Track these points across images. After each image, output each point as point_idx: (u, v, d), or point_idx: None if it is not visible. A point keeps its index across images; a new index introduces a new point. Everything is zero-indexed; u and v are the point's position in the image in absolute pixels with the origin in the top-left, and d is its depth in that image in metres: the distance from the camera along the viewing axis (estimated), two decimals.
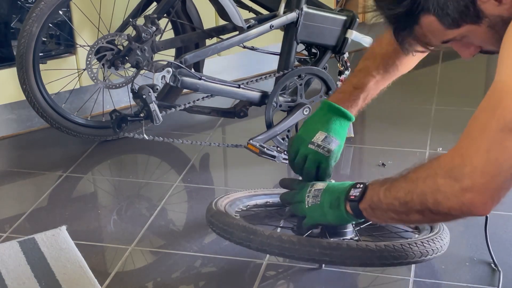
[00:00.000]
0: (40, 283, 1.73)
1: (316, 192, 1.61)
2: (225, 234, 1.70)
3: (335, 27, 2.36)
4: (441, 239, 1.70)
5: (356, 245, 1.57)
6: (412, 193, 1.36)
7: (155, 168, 2.44)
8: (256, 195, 1.97)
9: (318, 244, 1.57)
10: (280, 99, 2.32)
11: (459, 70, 3.23)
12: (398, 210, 1.41)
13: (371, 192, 1.48)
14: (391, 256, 1.58)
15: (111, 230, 2.05)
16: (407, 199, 1.37)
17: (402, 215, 1.42)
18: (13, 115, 2.62)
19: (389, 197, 1.42)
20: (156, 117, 2.12)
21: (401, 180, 1.41)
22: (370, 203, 1.48)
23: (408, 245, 1.60)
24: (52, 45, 2.61)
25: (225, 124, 2.70)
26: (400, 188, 1.40)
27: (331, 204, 1.57)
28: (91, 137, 2.51)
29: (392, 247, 1.58)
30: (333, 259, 1.57)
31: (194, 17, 2.54)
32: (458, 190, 1.27)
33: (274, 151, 2.20)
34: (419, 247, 1.61)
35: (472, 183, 1.25)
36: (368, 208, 1.49)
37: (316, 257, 1.58)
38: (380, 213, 1.47)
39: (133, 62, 2.32)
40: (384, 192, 1.44)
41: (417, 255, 1.60)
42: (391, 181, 1.44)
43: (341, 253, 1.56)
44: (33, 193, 2.23)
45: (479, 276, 1.76)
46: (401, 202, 1.39)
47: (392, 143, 2.50)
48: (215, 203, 1.82)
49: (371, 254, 1.56)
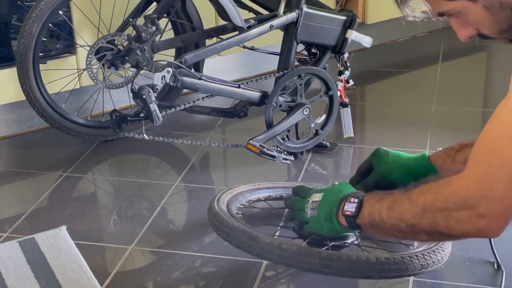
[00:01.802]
0: (40, 283, 1.73)
1: (313, 205, 1.60)
2: (226, 237, 1.69)
3: (335, 27, 2.36)
4: (442, 250, 1.68)
5: (357, 258, 1.56)
6: (421, 217, 1.34)
7: (155, 168, 2.44)
8: (259, 188, 1.96)
9: (318, 255, 1.57)
10: (280, 99, 2.32)
11: (459, 70, 3.23)
12: (403, 231, 1.39)
13: (370, 210, 1.46)
14: (391, 269, 1.56)
15: (111, 230, 2.05)
16: (414, 221, 1.35)
17: (407, 235, 1.40)
18: (13, 115, 2.62)
19: (393, 218, 1.40)
20: (156, 117, 2.12)
21: (405, 201, 1.38)
22: (370, 221, 1.46)
23: (408, 258, 1.59)
24: (52, 45, 2.61)
25: (225, 124, 2.70)
26: (405, 210, 1.37)
27: (325, 218, 1.56)
28: (91, 137, 2.51)
29: (392, 260, 1.57)
30: (333, 270, 1.56)
31: (194, 17, 2.54)
32: (474, 217, 1.25)
33: (274, 151, 2.20)
34: (420, 260, 1.60)
35: (488, 211, 1.23)
36: (368, 224, 1.47)
37: (315, 267, 1.57)
38: (382, 231, 1.46)
39: (133, 62, 2.32)
40: (387, 211, 1.41)
41: (417, 268, 1.59)
42: (393, 201, 1.41)
43: (341, 265, 1.55)
44: (33, 193, 2.23)
45: (479, 276, 1.76)
46: (408, 224, 1.37)
47: (392, 143, 2.50)
48: (218, 199, 1.81)
49: (371, 267, 1.55)
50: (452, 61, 3.30)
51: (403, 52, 3.41)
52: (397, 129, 2.63)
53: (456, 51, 3.36)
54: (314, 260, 1.56)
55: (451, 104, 2.82)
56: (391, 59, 3.35)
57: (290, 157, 2.25)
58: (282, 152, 2.23)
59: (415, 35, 3.60)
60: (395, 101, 2.88)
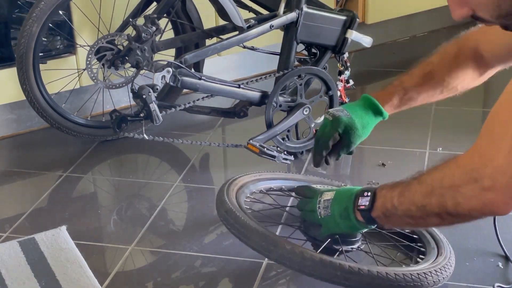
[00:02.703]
0: (40, 283, 1.73)
1: (326, 203, 1.59)
2: (242, 237, 1.66)
3: (335, 27, 2.36)
4: (450, 265, 1.71)
5: (377, 273, 1.56)
6: (430, 196, 1.33)
7: (155, 168, 2.44)
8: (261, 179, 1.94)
9: (340, 268, 1.56)
10: (280, 99, 2.32)
11: None
12: (415, 215, 1.39)
13: (383, 200, 1.46)
14: (407, 286, 1.58)
15: (111, 230, 2.05)
16: (424, 202, 1.35)
17: (419, 220, 1.40)
18: (13, 115, 2.62)
19: (404, 203, 1.40)
20: (156, 117, 2.12)
21: (415, 184, 1.38)
22: (383, 211, 1.46)
23: (424, 275, 1.61)
24: (52, 45, 2.61)
25: (225, 124, 2.70)
26: (415, 192, 1.37)
27: (341, 215, 1.55)
28: (91, 137, 2.51)
29: (409, 276, 1.59)
30: (353, 284, 1.56)
31: (194, 17, 2.54)
32: (479, 191, 1.25)
33: (274, 151, 2.20)
34: (433, 277, 1.62)
35: (493, 183, 1.23)
36: (382, 215, 1.47)
37: (336, 279, 1.57)
38: (395, 220, 1.45)
39: (133, 62, 2.32)
40: (398, 198, 1.41)
41: (431, 284, 1.62)
42: (404, 186, 1.41)
43: (361, 279, 1.55)
44: (33, 193, 2.23)
45: (480, 276, 1.76)
46: (418, 206, 1.36)
47: (392, 143, 2.50)
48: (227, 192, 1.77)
49: (390, 283, 1.56)
50: None
51: (403, 52, 3.41)
52: (397, 129, 2.62)
53: None
54: (335, 272, 1.55)
55: (451, 104, 2.81)
56: (391, 59, 3.35)
57: (290, 157, 2.25)
58: (282, 152, 2.23)
59: (415, 35, 3.60)
60: None
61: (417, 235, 1.84)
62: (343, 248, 1.67)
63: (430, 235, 1.82)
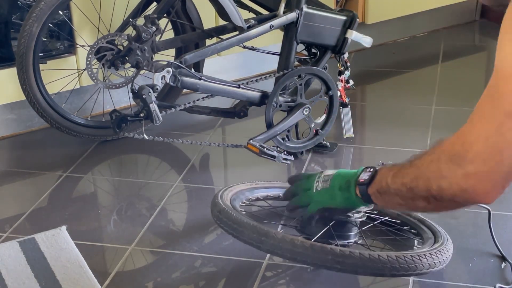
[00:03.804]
0: (40, 283, 1.73)
1: (326, 178, 1.64)
2: (234, 233, 1.68)
3: (335, 27, 2.36)
4: (447, 250, 1.71)
5: (369, 255, 1.57)
6: (418, 179, 1.36)
7: (155, 168, 2.44)
8: (258, 188, 1.96)
9: (331, 252, 1.57)
10: (280, 99, 2.32)
11: (459, 70, 3.23)
12: (404, 196, 1.41)
13: (380, 177, 1.50)
14: (402, 268, 1.58)
15: (111, 230, 2.05)
16: (412, 185, 1.38)
17: (408, 201, 1.42)
18: (13, 115, 2.62)
19: (396, 183, 1.43)
20: (156, 117, 2.12)
21: (408, 166, 1.42)
22: (378, 188, 1.50)
23: (418, 257, 1.61)
24: (52, 45, 2.61)
25: (225, 124, 2.70)
26: (406, 173, 1.41)
27: (340, 187, 1.59)
28: (91, 137, 2.51)
29: (403, 258, 1.59)
30: (345, 267, 1.57)
31: (194, 17, 2.54)
32: (461, 176, 1.26)
33: (274, 151, 2.20)
34: (428, 259, 1.62)
35: (475, 170, 1.24)
36: (376, 192, 1.50)
37: (328, 264, 1.58)
38: (387, 198, 1.48)
39: (133, 62, 2.32)
40: (392, 177, 1.45)
41: (425, 267, 1.62)
42: (399, 167, 1.45)
43: (354, 261, 1.56)
44: (33, 193, 2.23)
45: (479, 276, 1.76)
46: (408, 188, 1.39)
47: (392, 143, 2.50)
48: (221, 196, 1.81)
49: (382, 265, 1.57)
50: (452, 61, 3.30)
51: (403, 52, 3.41)
52: (397, 129, 2.63)
53: (456, 51, 3.36)
54: (327, 257, 1.57)
55: (451, 104, 2.82)
56: (391, 59, 3.35)
57: (290, 157, 2.25)
58: (282, 152, 2.23)
59: (415, 35, 3.60)
60: (395, 101, 2.88)
61: (415, 230, 1.84)
62: (338, 243, 1.67)
63: (428, 228, 1.83)
